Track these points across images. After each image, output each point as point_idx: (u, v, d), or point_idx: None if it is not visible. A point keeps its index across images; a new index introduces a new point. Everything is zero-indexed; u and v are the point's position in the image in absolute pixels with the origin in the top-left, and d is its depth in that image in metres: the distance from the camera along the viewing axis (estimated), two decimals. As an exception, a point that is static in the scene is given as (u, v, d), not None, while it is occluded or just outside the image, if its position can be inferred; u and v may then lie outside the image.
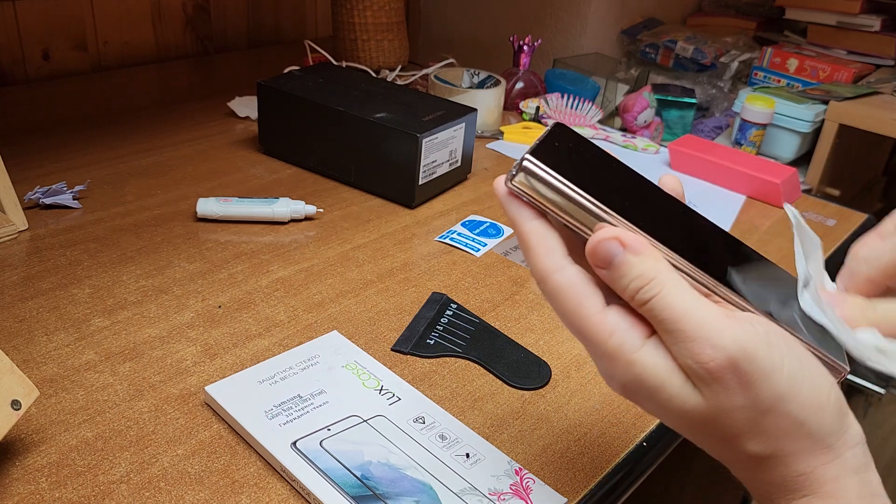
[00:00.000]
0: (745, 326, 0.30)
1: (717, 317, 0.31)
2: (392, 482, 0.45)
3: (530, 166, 0.33)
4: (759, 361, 0.30)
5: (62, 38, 1.05)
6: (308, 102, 0.82)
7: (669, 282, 0.31)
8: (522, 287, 0.69)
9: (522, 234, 0.34)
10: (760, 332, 0.31)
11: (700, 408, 0.32)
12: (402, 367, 0.56)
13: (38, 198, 0.73)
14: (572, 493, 0.47)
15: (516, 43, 1.12)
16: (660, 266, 0.32)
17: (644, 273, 0.32)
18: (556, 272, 0.33)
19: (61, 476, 0.44)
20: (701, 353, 0.30)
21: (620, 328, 0.33)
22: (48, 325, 0.57)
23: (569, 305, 0.33)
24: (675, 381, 0.32)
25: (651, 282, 0.31)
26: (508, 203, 0.34)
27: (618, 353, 0.32)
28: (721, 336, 0.30)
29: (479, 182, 0.89)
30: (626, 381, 0.33)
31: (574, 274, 0.33)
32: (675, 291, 0.31)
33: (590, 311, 0.33)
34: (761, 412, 0.31)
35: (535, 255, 0.34)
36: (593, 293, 0.33)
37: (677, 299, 0.31)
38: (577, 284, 0.33)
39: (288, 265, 0.68)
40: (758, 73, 1.44)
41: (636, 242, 0.32)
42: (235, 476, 0.46)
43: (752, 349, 0.30)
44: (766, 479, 0.33)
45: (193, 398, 0.51)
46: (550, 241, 0.34)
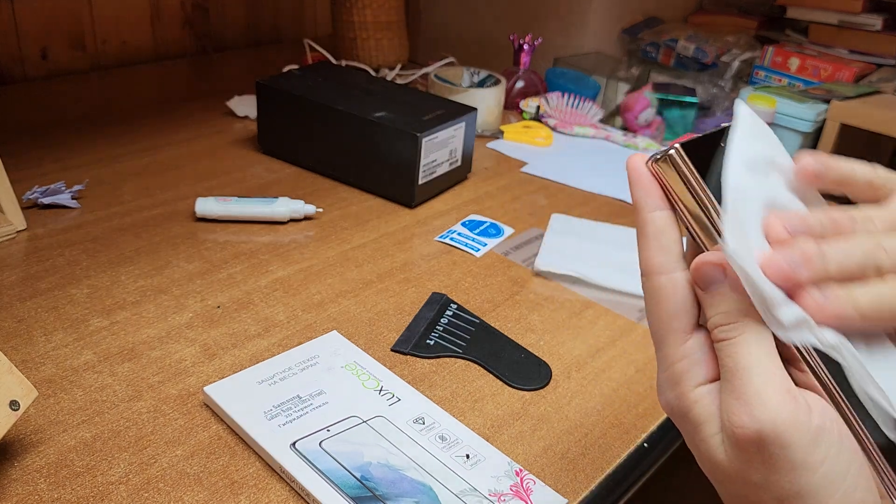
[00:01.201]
0: (795, 410, 0.29)
1: (773, 387, 0.29)
2: (392, 483, 0.44)
3: (676, 157, 0.31)
4: (791, 450, 0.28)
5: (60, 37, 1.05)
6: (307, 102, 0.82)
7: (750, 331, 0.30)
8: (523, 287, 0.68)
9: (643, 222, 0.33)
10: (812, 423, 0.29)
11: (723, 464, 0.31)
12: (401, 368, 0.56)
13: (37, 197, 0.73)
14: (573, 494, 0.47)
15: (517, 42, 1.12)
16: (750, 311, 0.30)
17: (729, 312, 0.31)
18: (663, 274, 0.32)
19: (60, 477, 0.44)
20: (736, 415, 0.29)
21: (693, 358, 0.32)
22: (47, 326, 0.57)
23: (660, 311, 0.33)
24: (711, 428, 0.31)
25: (733, 324, 0.30)
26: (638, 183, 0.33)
27: (678, 379, 0.32)
28: (763, 409, 0.29)
29: (479, 182, 0.89)
30: (672, 405, 0.33)
31: (679, 282, 0.32)
32: (749, 343, 0.30)
33: (675, 326, 0.32)
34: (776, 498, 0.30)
35: (649, 248, 0.33)
36: (688, 311, 0.32)
37: (747, 352, 0.30)
38: (676, 294, 0.32)
39: (287, 265, 0.68)
40: (759, 72, 1.44)
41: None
42: (234, 477, 0.45)
43: (789, 436, 0.28)
44: None
45: (192, 399, 0.51)
46: (667, 239, 0.32)
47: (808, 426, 0.28)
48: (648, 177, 0.33)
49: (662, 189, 0.32)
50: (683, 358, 0.32)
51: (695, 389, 0.32)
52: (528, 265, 0.72)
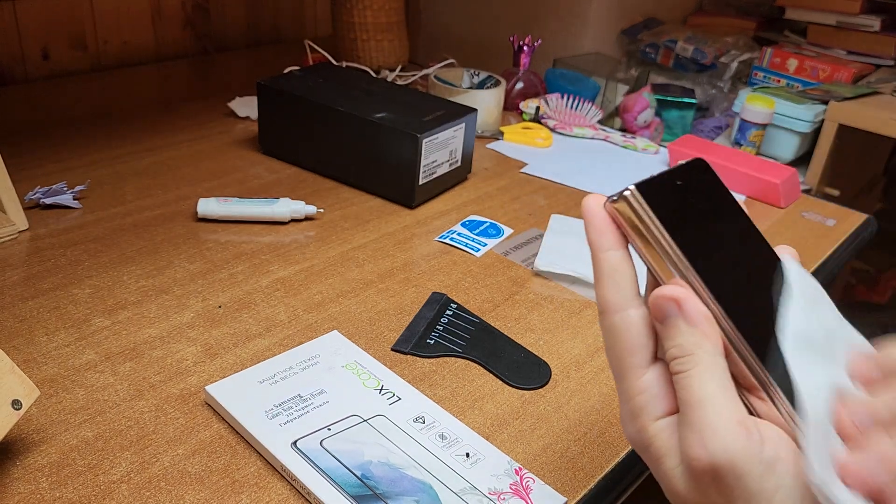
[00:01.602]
0: (748, 441, 0.29)
1: (726, 419, 0.29)
2: (392, 482, 0.45)
3: (630, 197, 0.32)
4: (745, 480, 0.29)
5: (61, 37, 1.05)
6: (308, 102, 0.82)
7: (703, 363, 0.31)
8: (522, 287, 0.69)
9: (596, 262, 0.34)
10: (766, 453, 0.29)
11: (684, 493, 0.32)
12: (402, 367, 0.56)
13: (39, 198, 0.73)
14: (572, 492, 0.47)
15: (516, 43, 1.12)
16: (704, 343, 0.31)
17: (684, 345, 0.31)
18: (618, 311, 0.33)
19: (62, 476, 0.44)
20: (691, 447, 0.30)
21: (650, 392, 0.33)
22: (49, 325, 0.57)
23: (616, 347, 0.33)
24: (671, 461, 0.32)
25: (687, 357, 0.31)
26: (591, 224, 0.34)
27: (637, 412, 0.33)
28: (716, 440, 0.29)
29: (479, 182, 0.89)
30: (634, 439, 0.34)
31: (633, 319, 0.33)
32: (703, 376, 0.30)
33: (631, 362, 0.33)
34: None
35: (604, 287, 0.33)
36: (644, 345, 0.33)
37: (700, 384, 0.30)
38: (631, 331, 0.33)
39: (288, 265, 0.68)
40: (758, 73, 1.44)
41: (694, 311, 0.31)
42: (236, 476, 0.46)
43: (742, 466, 0.29)
44: None
45: (194, 398, 0.51)
46: (621, 277, 0.33)
47: (760, 456, 0.29)
48: (603, 217, 0.33)
49: (619, 228, 0.33)
50: (641, 392, 0.33)
51: (654, 423, 0.33)
52: (527, 265, 0.72)
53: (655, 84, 1.26)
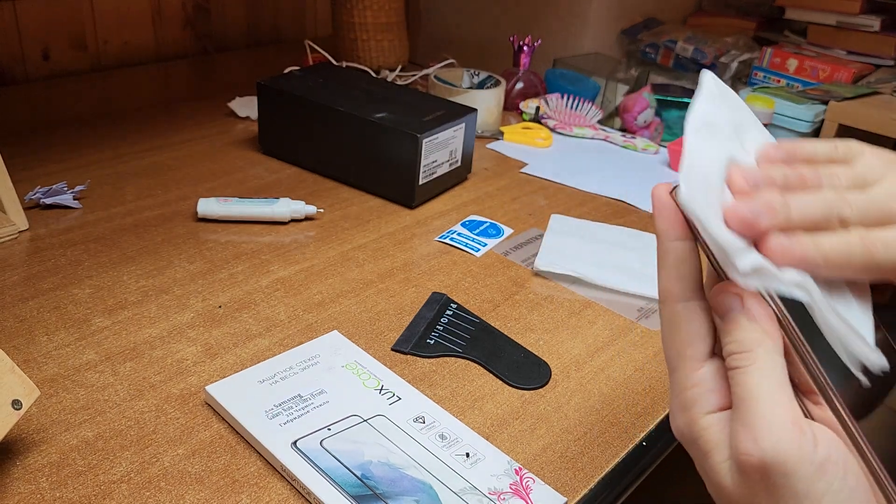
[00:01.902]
0: (800, 441, 0.29)
1: (780, 417, 0.29)
2: (392, 481, 0.45)
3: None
4: (793, 479, 0.29)
5: (62, 37, 1.05)
6: (308, 102, 0.82)
7: (761, 361, 0.30)
8: (522, 287, 0.69)
9: (663, 251, 0.33)
10: (817, 456, 0.29)
11: (729, 489, 0.31)
12: (402, 367, 0.56)
13: (39, 198, 0.73)
14: (572, 492, 0.47)
15: (516, 43, 1.12)
16: (764, 341, 0.31)
17: (743, 340, 0.31)
18: (679, 302, 0.33)
19: (62, 476, 0.45)
20: (742, 442, 0.30)
21: (704, 386, 0.32)
22: (49, 325, 0.57)
23: (675, 338, 0.33)
24: (719, 455, 0.32)
25: (745, 353, 0.31)
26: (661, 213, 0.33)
27: (689, 405, 0.33)
28: (768, 438, 0.29)
29: (479, 182, 0.89)
30: (683, 431, 0.33)
31: (694, 310, 0.33)
32: (761, 372, 0.30)
33: (691, 353, 0.33)
34: None
35: (667, 276, 0.33)
36: (703, 338, 0.33)
37: (757, 381, 0.30)
38: (692, 322, 0.33)
39: (288, 265, 0.68)
40: (757, 73, 1.44)
41: (756, 307, 0.31)
42: (236, 475, 0.46)
43: (793, 465, 0.29)
44: None
45: (194, 398, 0.51)
46: (686, 268, 0.33)
47: (812, 458, 0.29)
48: (672, 206, 0.33)
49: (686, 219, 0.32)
50: (695, 385, 0.32)
51: (705, 416, 0.32)
52: (527, 265, 0.72)
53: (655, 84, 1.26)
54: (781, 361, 0.31)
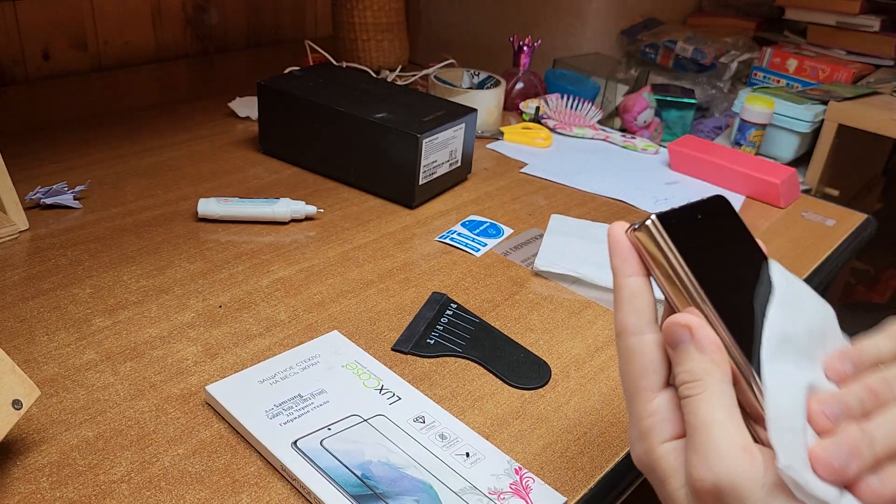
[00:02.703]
0: (750, 465, 0.30)
1: (731, 443, 0.30)
2: (392, 481, 0.45)
3: (651, 227, 0.34)
4: (746, 502, 0.30)
5: (62, 37, 1.05)
6: (308, 103, 0.83)
7: (711, 389, 0.32)
8: (522, 287, 0.69)
9: (618, 287, 0.35)
10: (768, 478, 0.30)
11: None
12: (402, 367, 0.56)
13: (39, 198, 0.73)
14: (572, 492, 0.47)
15: (516, 43, 1.12)
16: (713, 370, 0.32)
17: (694, 370, 0.32)
18: (634, 335, 0.35)
19: (62, 475, 0.45)
20: (696, 469, 0.31)
21: (659, 416, 0.34)
22: (49, 325, 0.57)
23: (630, 370, 0.35)
24: (676, 482, 0.33)
25: (696, 382, 0.32)
26: (615, 250, 0.35)
27: (646, 434, 0.34)
28: (720, 463, 0.30)
29: (479, 182, 0.89)
30: (641, 460, 0.35)
31: (648, 343, 0.34)
32: (711, 401, 0.31)
33: (646, 384, 0.34)
34: None
35: (622, 310, 0.35)
36: (656, 370, 0.34)
37: (708, 410, 0.31)
38: (645, 355, 0.34)
39: (288, 265, 0.68)
40: (757, 73, 1.44)
41: (705, 339, 0.32)
42: (236, 475, 0.46)
43: (744, 489, 0.30)
44: None
45: (194, 398, 0.52)
46: (640, 303, 0.35)
47: (762, 481, 0.30)
48: (626, 245, 0.35)
49: (640, 256, 0.35)
50: (651, 415, 0.34)
51: (661, 445, 0.34)
52: (527, 265, 0.72)
53: (655, 84, 1.26)
54: (730, 390, 0.32)
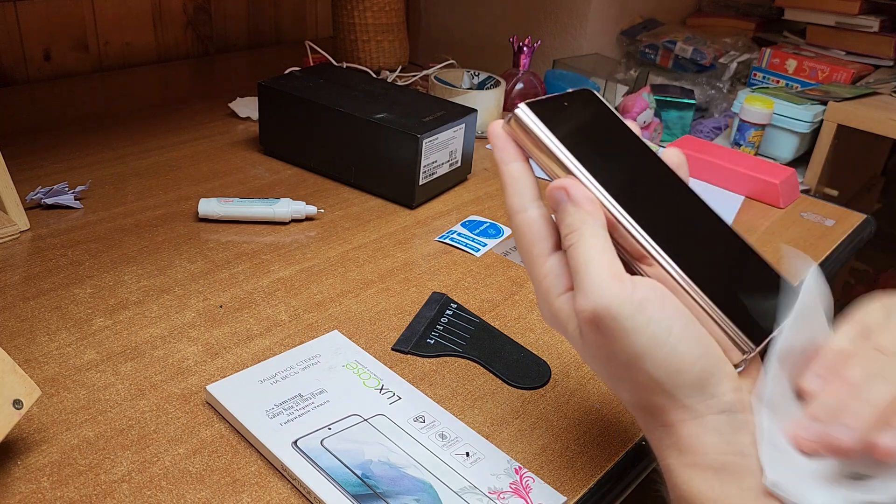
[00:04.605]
0: (619, 288, 0.34)
1: (604, 274, 0.34)
2: (392, 481, 0.45)
3: (520, 113, 0.38)
4: (620, 320, 0.34)
5: (63, 38, 1.05)
6: (309, 103, 0.83)
7: (586, 234, 0.36)
8: (522, 287, 0.69)
9: (502, 174, 0.39)
10: (636, 296, 0.34)
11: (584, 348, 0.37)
12: (402, 367, 0.57)
13: (40, 198, 0.73)
14: (572, 491, 0.47)
15: (516, 44, 1.13)
16: (587, 219, 0.36)
17: (572, 223, 0.36)
18: (520, 212, 0.39)
19: (63, 475, 0.45)
20: (577, 301, 0.35)
21: (553, 274, 0.38)
22: (50, 325, 0.57)
23: (522, 242, 0.39)
24: (571, 325, 0.37)
25: (574, 231, 0.36)
26: (495, 144, 0.39)
27: (546, 294, 0.38)
28: (594, 292, 0.34)
29: (479, 182, 0.89)
30: (548, 317, 0.39)
31: (534, 216, 0.39)
32: (586, 243, 0.35)
33: (536, 251, 0.39)
34: (623, 364, 0.35)
35: (508, 194, 0.39)
36: (545, 237, 0.39)
37: (583, 250, 0.35)
38: (533, 226, 0.39)
39: (289, 265, 0.68)
40: (757, 73, 1.44)
41: (579, 194, 0.36)
42: (236, 475, 0.46)
43: (616, 309, 0.34)
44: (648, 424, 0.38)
45: (195, 397, 0.52)
46: (521, 184, 0.39)
47: (630, 299, 0.34)
48: (503, 136, 0.39)
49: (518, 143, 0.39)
50: (546, 276, 0.38)
51: (558, 298, 0.38)
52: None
53: (655, 85, 1.26)
54: (603, 232, 0.36)
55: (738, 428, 0.34)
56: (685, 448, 0.35)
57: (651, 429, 0.38)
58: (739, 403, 0.35)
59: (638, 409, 0.38)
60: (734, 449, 0.34)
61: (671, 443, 0.36)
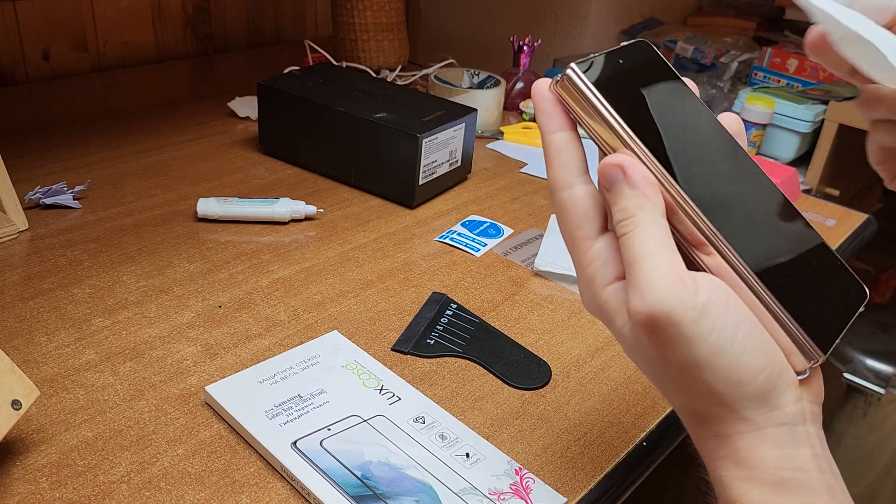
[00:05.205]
0: (681, 291, 0.31)
1: (662, 272, 0.31)
2: (392, 482, 0.45)
3: (572, 75, 0.33)
4: (680, 326, 0.31)
5: (62, 38, 1.05)
6: (308, 102, 0.82)
7: (644, 223, 0.32)
8: (522, 287, 0.69)
9: (545, 144, 0.35)
10: (699, 299, 0.31)
11: (634, 348, 0.34)
12: (402, 367, 0.56)
13: (39, 198, 0.73)
14: (572, 492, 0.47)
15: (516, 43, 1.12)
16: (645, 205, 0.32)
17: (626, 208, 0.33)
18: (565, 189, 0.35)
19: (61, 476, 0.45)
20: (632, 301, 0.32)
21: (600, 260, 0.34)
22: (49, 325, 0.57)
23: (566, 222, 0.35)
24: (621, 319, 0.34)
25: (629, 219, 0.32)
26: (540, 108, 0.35)
27: (590, 280, 0.35)
28: (652, 293, 0.31)
29: (479, 182, 0.89)
30: (590, 305, 0.36)
31: (580, 194, 0.35)
32: (643, 234, 0.32)
33: (582, 234, 0.35)
34: (678, 371, 0.32)
35: (551, 167, 0.35)
36: (592, 217, 0.35)
37: (640, 242, 0.32)
38: (579, 205, 0.35)
39: (288, 265, 0.68)
40: (757, 73, 1.44)
41: (637, 175, 0.32)
42: (236, 476, 0.46)
43: (676, 314, 0.31)
44: (699, 434, 0.35)
45: (194, 398, 0.51)
46: (567, 157, 0.35)
47: (693, 303, 0.31)
48: (550, 100, 0.35)
49: (566, 110, 0.34)
50: (591, 262, 0.35)
51: (605, 288, 0.34)
52: (527, 265, 0.72)
53: (655, 84, 1.25)
54: (663, 221, 0.32)
55: (798, 441, 0.33)
56: (742, 461, 0.33)
57: (703, 438, 0.35)
58: (800, 415, 0.33)
59: (689, 416, 0.35)
60: (794, 464, 0.32)
61: (725, 454, 0.34)
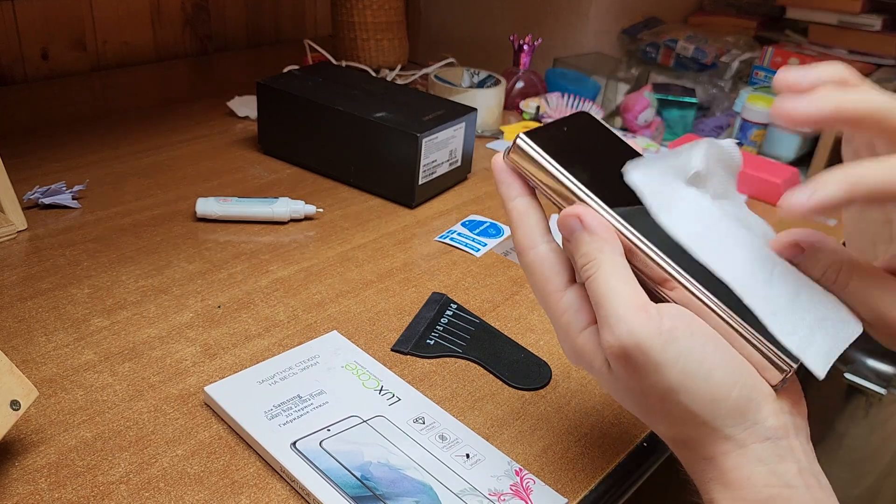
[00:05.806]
0: (646, 320, 0.32)
1: (628, 306, 0.33)
2: (392, 482, 0.45)
3: (521, 144, 0.37)
4: (650, 354, 0.32)
5: (61, 37, 1.05)
6: (308, 102, 0.82)
7: (605, 263, 0.34)
8: (522, 287, 0.68)
9: (508, 211, 0.38)
10: (664, 327, 0.32)
11: (614, 384, 0.36)
12: (401, 368, 0.56)
13: (38, 198, 0.73)
14: (572, 493, 0.47)
15: (516, 42, 1.12)
16: (604, 247, 0.34)
17: (588, 252, 0.35)
18: (531, 249, 0.37)
19: (60, 476, 0.44)
20: (604, 336, 0.34)
21: (572, 309, 0.36)
22: (47, 325, 0.57)
23: (536, 280, 0.37)
24: (598, 361, 0.36)
25: (592, 261, 0.34)
26: (499, 179, 0.38)
27: (566, 330, 0.37)
28: (621, 325, 0.33)
29: (479, 182, 0.89)
30: (571, 355, 0.37)
31: (545, 252, 0.37)
32: (605, 273, 0.34)
33: (551, 288, 0.37)
34: (657, 398, 0.34)
35: (516, 231, 0.38)
36: (559, 272, 0.37)
37: (604, 281, 0.34)
38: (545, 262, 0.37)
39: (287, 265, 0.68)
40: (759, 72, 1.44)
41: (593, 222, 0.35)
42: (235, 476, 0.45)
43: (644, 342, 0.32)
44: (688, 459, 0.36)
45: (193, 398, 0.51)
46: (530, 219, 0.37)
47: (659, 331, 0.32)
48: (507, 171, 0.38)
49: (521, 176, 0.37)
50: (564, 312, 0.37)
51: (580, 334, 0.36)
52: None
53: (656, 83, 1.25)
54: (622, 260, 0.34)
55: (783, 456, 0.33)
56: (730, 482, 0.34)
57: (692, 463, 0.36)
58: (782, 428, 0.34)
59: (677, 445, 0.36)
60: (780, 481, 0.33)
61: (714, 476, 0.35)
